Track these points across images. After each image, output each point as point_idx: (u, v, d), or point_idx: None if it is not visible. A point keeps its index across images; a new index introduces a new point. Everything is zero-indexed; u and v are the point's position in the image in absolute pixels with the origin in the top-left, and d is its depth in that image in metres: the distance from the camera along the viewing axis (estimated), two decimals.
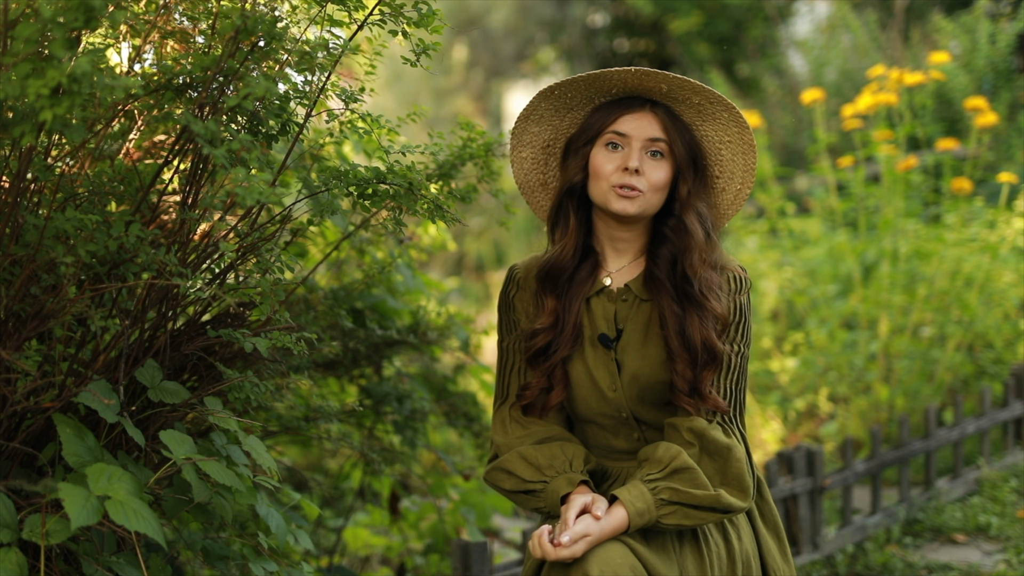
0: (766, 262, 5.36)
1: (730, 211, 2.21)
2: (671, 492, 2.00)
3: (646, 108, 2.09)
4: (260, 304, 2.04)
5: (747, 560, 2.13)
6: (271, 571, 2.18)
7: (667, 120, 2.09)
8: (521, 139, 2.18)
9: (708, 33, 10.70)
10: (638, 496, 1.99)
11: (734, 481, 2.03)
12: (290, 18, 2.08)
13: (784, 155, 8.34)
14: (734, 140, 2.13)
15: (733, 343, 2.10)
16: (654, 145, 2.08)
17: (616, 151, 2.08)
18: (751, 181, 2.17)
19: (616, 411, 2.14)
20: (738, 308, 2.10)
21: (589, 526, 1.96)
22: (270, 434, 2.86)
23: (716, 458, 2.04)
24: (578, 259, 2.15)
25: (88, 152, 2.10)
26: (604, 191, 2.08)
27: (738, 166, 2.16)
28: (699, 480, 2.01)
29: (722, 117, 2.11)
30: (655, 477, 2.02)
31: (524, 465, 2.11)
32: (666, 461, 2.02)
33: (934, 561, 3.49)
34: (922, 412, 4.45)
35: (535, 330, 2.14)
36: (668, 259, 2.09)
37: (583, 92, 2.11)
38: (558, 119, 2.16)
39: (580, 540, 1.95)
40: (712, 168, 2.17)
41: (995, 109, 6.53)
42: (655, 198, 2.09)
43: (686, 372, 2.06)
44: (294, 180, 2.68)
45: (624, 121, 2.08)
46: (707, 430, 2.04)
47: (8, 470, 1.98)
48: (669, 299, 2.08)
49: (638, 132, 2.07)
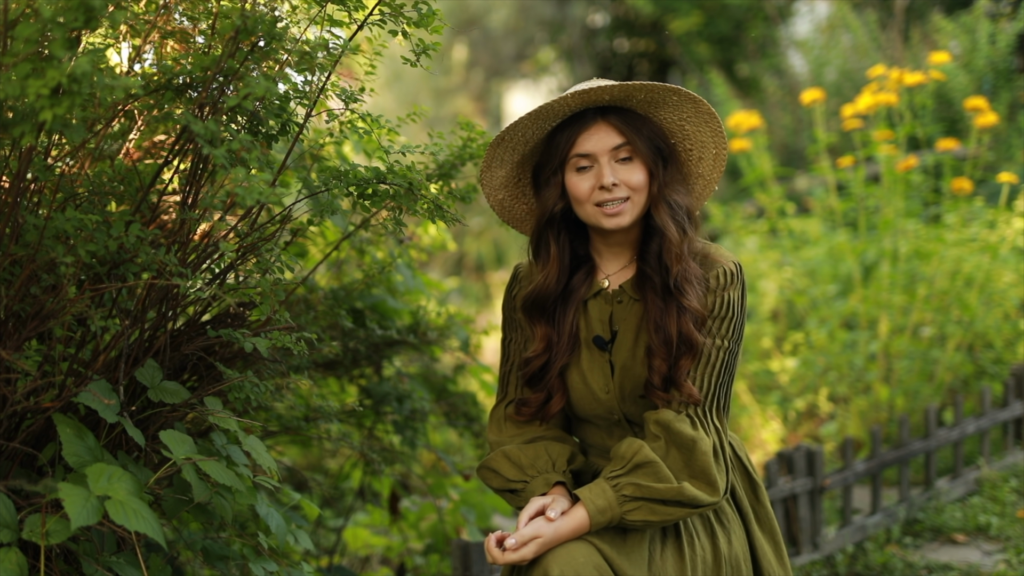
0: (766, 262, 5.36)
1: (714, 175, 2.21)
2: (633, 487, 2.00)
3: (598, 119, 2.09)
4: (260, 304, 2.04)
5: (736, 563, 2.12)
6: (271, 571, 2.18)
7: (622, 124, 2.09)
8: (492, 185, 2.19)
9: (708, 33, 10.70)
10: (599, 494, 2.00)
11: (700, 474, 2.02)
12: (290, 18, 2.08)
13: (784, 155, 8.34)
14: (691, 115, 2.14)
15: (717, 337, 2.08)
16: (619, 152, 2.08)
17: (587, 171, 2.09)
18: (724, 144, 2.18)
19: (608, 413, 2.15)
20: (726, 303, 2.09)
21: (540, 528, 1.98)
22: (270, 434, 2.86)
23: (682, 450, 2.03)
24: (565, 282, 2.15)
25: (88, 152, 2.10)
26: (591, 213, 2.09)
27: (706, 135, 2.17)
28: (661, 474, 2.00)
29: (672, 101, 2.11)
30: (617, 473, 2.02)
31: (507, 464, 2.12)
32: (628, 457, 2.02)
33: (934, 561, 3.49)
34: (922, 412, 4.45)
35: (528, 358, 2.15)
36: (655, 254, 2.10)
37: (533, 124, 2.10)
38: (517, 154, 2.16)
39: (530, 542, 1.96)
40: (681, 144, 2.17)
41: (995, 109, 6.53)
42: (640, 199, 2.10)
43: (661, 367, 2.06)
44: (294, 180, 2.68)
45: (583, 141, 2.08)
46: (673, 422, 2.04)
47: (8, 470, 1.98)
48: (654, 294, 2.09)
49: (600, 146, 2.08)
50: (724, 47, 10.68)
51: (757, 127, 5.23)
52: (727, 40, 10.62)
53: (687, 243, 2.09)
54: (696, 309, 2.05)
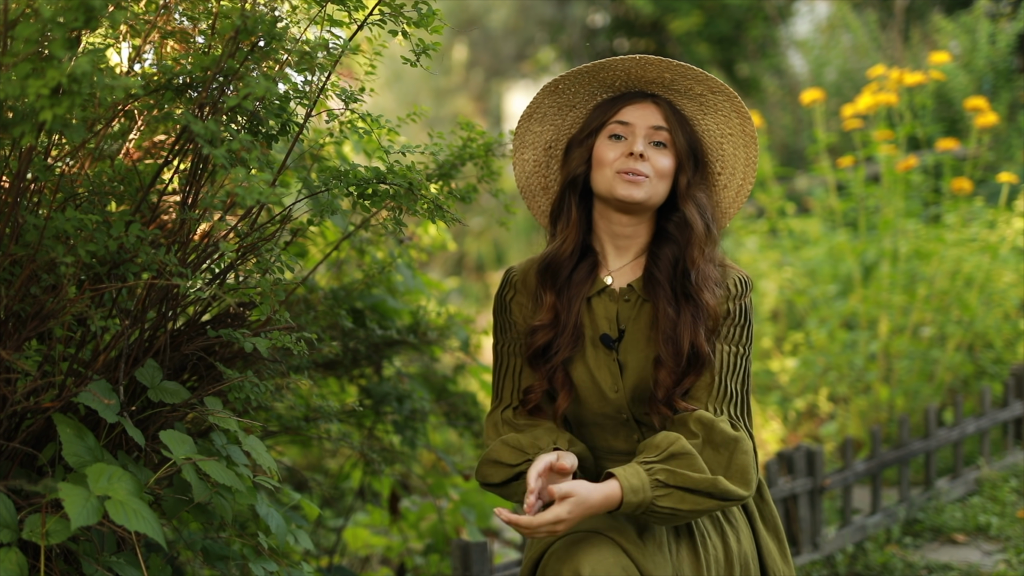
0: (766, 262, 5.36)
1: (732, 209, 2.21)
2: (667, 474, 1.95)
3: (648, 100, 2.12)
4: (260, 304, 2.04)
5: (745, 562, 2.12)
6: (271, 571, 2.18)
7: (669, 112, 2.11)
8: (524, 139, 2.19)
9: (708, 33, 10.70)
10: (633, 474, 1.94)
11: (737, 472, 2.00)
12: (290, 18, 2.07)
13: (784, 155, 8.34)
14: (736, 133, 2.15)
15: (738, 344, 2.09)
16: (657, 134, 2.09)
17: (620, 141, 2.10)
18: (752, 176, 2.18)
19: (616, 412, 2.14)
20: (742, 310, 2.10)
21: (575, 486, 1.89)
22: (270, 434, 2.86)
23: (722, 450, 2.01)
24: (577, 257, 2.14)
25: (88, 152, 2.10)
26: (609, 179, 2.08)
27: (739, 160, 2.17)
28: (697, 465, 1.97)
29: (724, 108, 2.13)
30: (652, 460, 1.98)
31: (508, 450, 2.08)
32: (664, 446, 1.99)
33: (934, 561, 3.49)
34: (922, 412, 4.45)
35: (534, 327, 2.12)
36: (670, 260, 2.09)
37: (586, 86, 2.13)
38: (560, 117, 2.17)
39: (565, 500, 1.88)
40: (714, 164, 2.18)
41: (995, 109, 6.53)
42: (660, 186, 2.09)
43: (666, 380, 2.05)
44: (294, 180, 2.68)
45: (627, 111, 2.10)
46: (715, 422, 2.02)
47: (8, 470, 1.98)
48: (665, 301, 2.08)
49: (641, 120, 2.09)
50: (724, 47, 10.68)
51: (757, 127, 5.22)
52: (727, 40, 10.63)
53: (711, 243, 2.09)
54: (714, 310, 2.05)
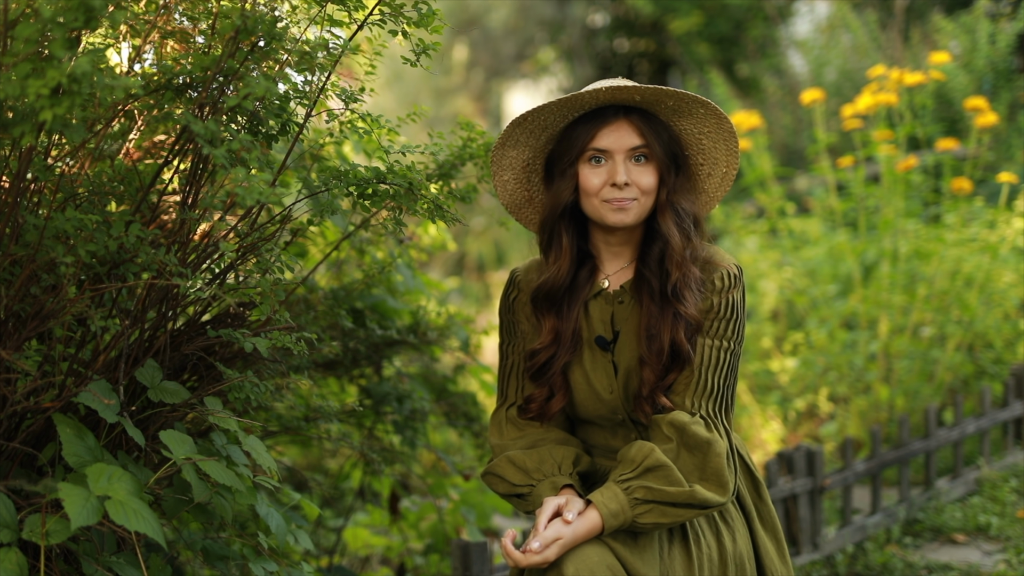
0: (766, 262, 5.36)
1: (718, 193, 2.23)
2: (645, 491, 2.00)
3: (620, 117, 2.09)
4: (260, 304, 2.04)
5: (740, 562, 2.12)
6: (271, 571, 2.18)
7: (643, 125, 2.09)
8: (500, 164, 2.19)
9: (708, 33, 10.70)
10: (611, 497, 2.00)
11: (712, 476, 2.03)
12: (290, 18, 2.08)
13: (784, 155, 8.34)
14: (712, 130, 2.15)
15: (722, 339, 2.10)
16: (636, 152, 2.09)
17: (600, 165, 2.09)
18: (736, 164, 2.19)
19: (612, 413, 2.15)
20: (729, 304, 2.10)
21: (560, 530, 1.97)
22: (270, 434, 2.86)
23: (695, 453, 2.03)
24: (573, 274, 2.16)
25: (88, 152, 2.10)
26: (597, 207, 2.10)
27: (720, 152, 2.18)
28: (673, 477, 2.00)
29: (698, 113, 2.12)
30: (628, 477, 2.02)
31: (513, 469, 2.12)
32: (639, 460, 2.02)
33: (934, 561, 3.49)
34: (922, 412, 4.45)
35: (535, 350, 2.15)
36: (656, 257, 2.11)
37: (556, 112, 2.11)
38: (534, 139, 2.16)
39: (552, 544, 1.96)
40: (695, 156, 2.18)
41: (995, 109, 6.54)
42: (648, 201, 2.11)
43: (650, 378, 2.07)
44: (294, 180, 2.68)
45: (602, 136, 2.09)
46: (688, 424, 2.04)
47: (8, 470, 1.98)
48: (649, 298, 2.10)
49: (618, 145, 2.08)
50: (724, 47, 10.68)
51: (757, 127, 5.23)
52: (727, 40, 10.63)
53: (690, 250, 2.10)
54: (693, 316, 2.06)
